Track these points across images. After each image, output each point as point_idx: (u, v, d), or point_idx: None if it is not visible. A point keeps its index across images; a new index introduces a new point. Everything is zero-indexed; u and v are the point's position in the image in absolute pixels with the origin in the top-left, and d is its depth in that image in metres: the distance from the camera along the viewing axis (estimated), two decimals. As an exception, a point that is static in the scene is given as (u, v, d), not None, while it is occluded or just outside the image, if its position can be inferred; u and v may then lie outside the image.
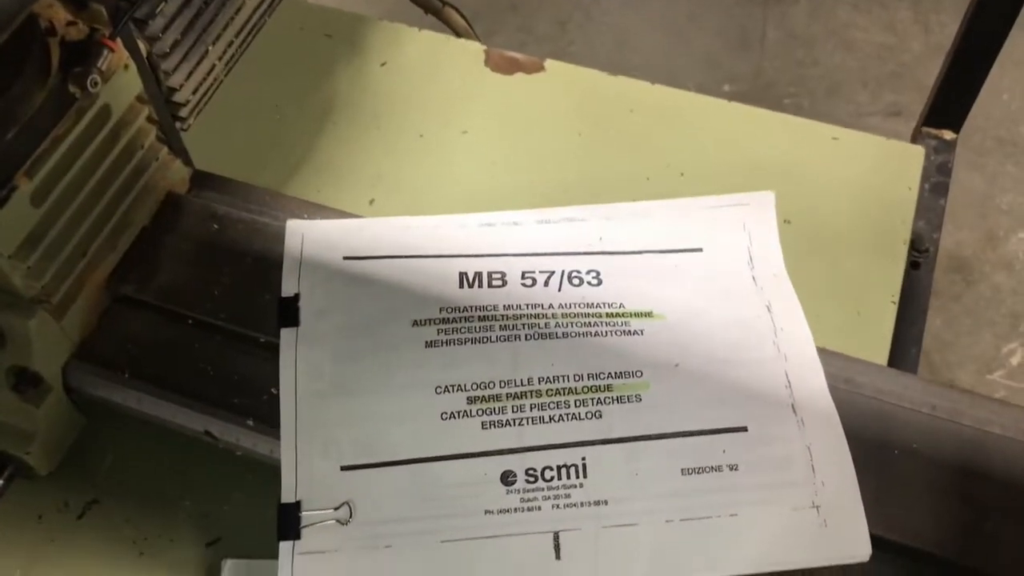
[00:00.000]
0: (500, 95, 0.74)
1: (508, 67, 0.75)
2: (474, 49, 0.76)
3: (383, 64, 0.76)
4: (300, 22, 0.77)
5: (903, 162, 0.69)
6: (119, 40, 0.52)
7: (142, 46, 0.54)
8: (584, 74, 0.74)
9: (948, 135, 0.83)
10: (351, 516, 0.49)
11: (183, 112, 0.59)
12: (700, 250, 0.57)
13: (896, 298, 0.63)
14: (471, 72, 0.75)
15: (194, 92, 0.59)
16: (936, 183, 0.79)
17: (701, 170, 0.68)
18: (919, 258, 0.76)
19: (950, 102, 0.81)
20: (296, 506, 0.50)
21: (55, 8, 0.50)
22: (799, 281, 0.58)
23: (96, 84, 0.50)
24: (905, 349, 0.66)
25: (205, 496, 0.57)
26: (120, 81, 0.53)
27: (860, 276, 0.64)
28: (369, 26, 0.78)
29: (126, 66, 0.53)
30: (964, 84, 0.80)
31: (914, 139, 0.84)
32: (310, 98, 0.73)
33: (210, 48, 0.59)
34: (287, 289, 0.55)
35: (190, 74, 0.58)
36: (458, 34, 0.90)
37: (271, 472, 0.51)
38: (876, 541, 0.47)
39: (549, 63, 0.75)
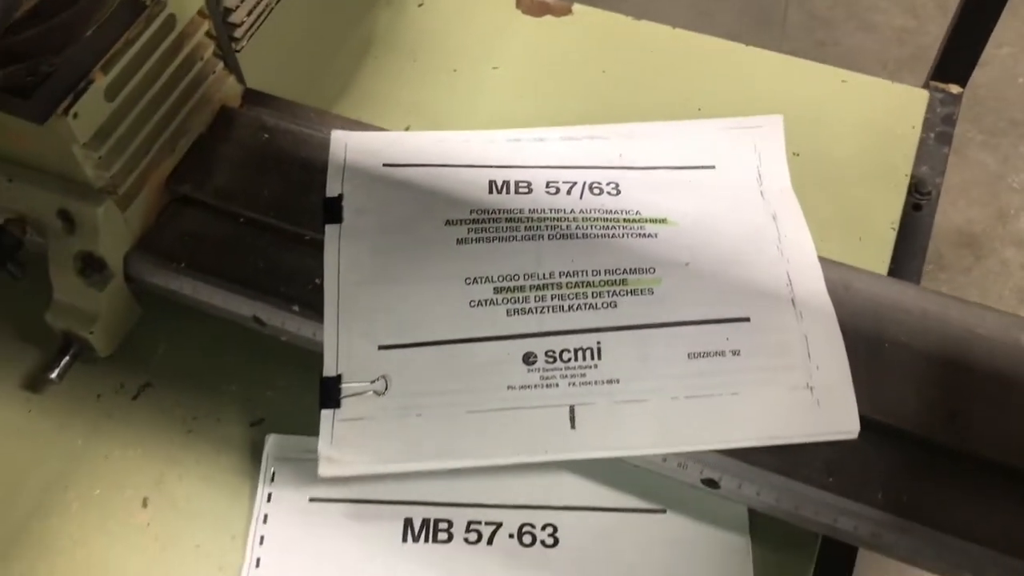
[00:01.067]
0: (530, 35, 0.78)
1: (538, 10, 0.79)
2: (506, -4, 0.81)
3: (420, 5, 0.81)
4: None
5: (907, 103, 0.74)
6: (185, -44, 0.57)
7: (205, -32, 0.59)
8: (609, 17, 0.79)
9: (955, 88, 0.87)
10: (386, 388, 0.54)
11: (237, 33, 0.64)
12: (713, 167, 0.62)
13: (896, 225, 0.68)
14: (503, 14, 0.80)
15: (248, 14, 0.64)
16: (940, 132, 0.83)
17: (717, 106, 0.72)
18: (921, 200, 0.80)
19: (956, 56, 0.85)
20: (337, 379, 0.55)
21: (128, -76, 0.55)
22: (805, 209, 0.62)
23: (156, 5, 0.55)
24: (904, 275, 0.71)
25: (250, 382, 0.62)
26: (181, 5, 0.58)
27: (863, 205, 0.68)
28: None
29: (190, -15, 0.58)
30: (970, 39, 0.84)
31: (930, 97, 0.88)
32: (353, 32, 0.78)
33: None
34: (331, 190, 0.60)
35: (245, -2, 0.63)
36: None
37: (310, 362, 0.56)
38: (864, 422, 0.52)
39: (577, 7, 0.80)
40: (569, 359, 0.54)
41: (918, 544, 0.50)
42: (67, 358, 0.60)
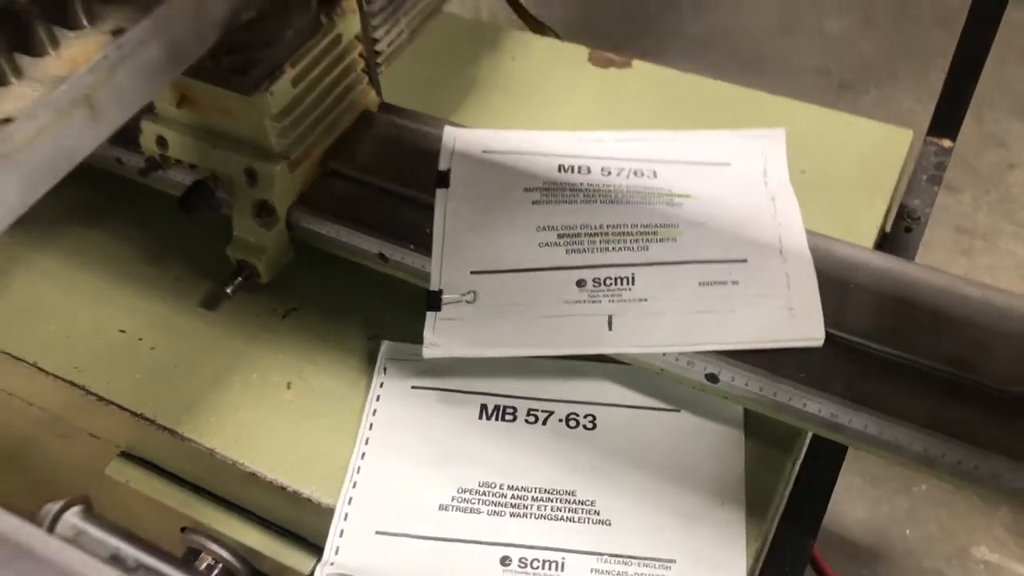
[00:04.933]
0: (597, 82, 1.00)
1: (604, 63, 1.01)
2: (581, 50, 1.03)
3: (513, 58, 1.04)
4: (458, 25, 1.06)
5: (895, 137, 0.93)
6: (352, -6, 0.80)
7: (364, 3, 0.82)
8: (661, 70, 1.00)
9: (946, 143, 1.05)
10: (475, 299, 0.74)
11: (379, 58, 0.87)
12: (729, 164, 0.82)
13: (879, 225, 0.86)
14: (577, 65, 1.02)
15: (388, 45, 0.87)
16: (932, 175, 1.02)
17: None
18: (912, 224, 0.98)
19: (946, 117, 1.05)
20: (439, 292, 0.75)
21: (316, -30, 0.79)
22: (803, 214, 0.81)
23: (335, 18, 0.79)
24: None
25: (371, 309, 0.82)
26: (348, 22, 0.81)
27: (851, 207, 0.86)
28: (505, 32, 1.06)
29: (353, 13, 0.81)
30: (954, 104, 1.03)
31: (923, 148, 1.07)
32: (463, 70, 1.01)
33: (401, 21, 0.87)
34: (442, 166, 0.81)
35: (386, 33, 0.86)
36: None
37: (415, 297, 0.76)
38: (828, 336, 0.69)
39: (636, 62, 1.01)
40: (610, 284, 0.73)
41: (865, 422, 0.66)
42: (240, 279, 0.81)
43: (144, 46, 0.62)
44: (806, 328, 0.69)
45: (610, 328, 0.71)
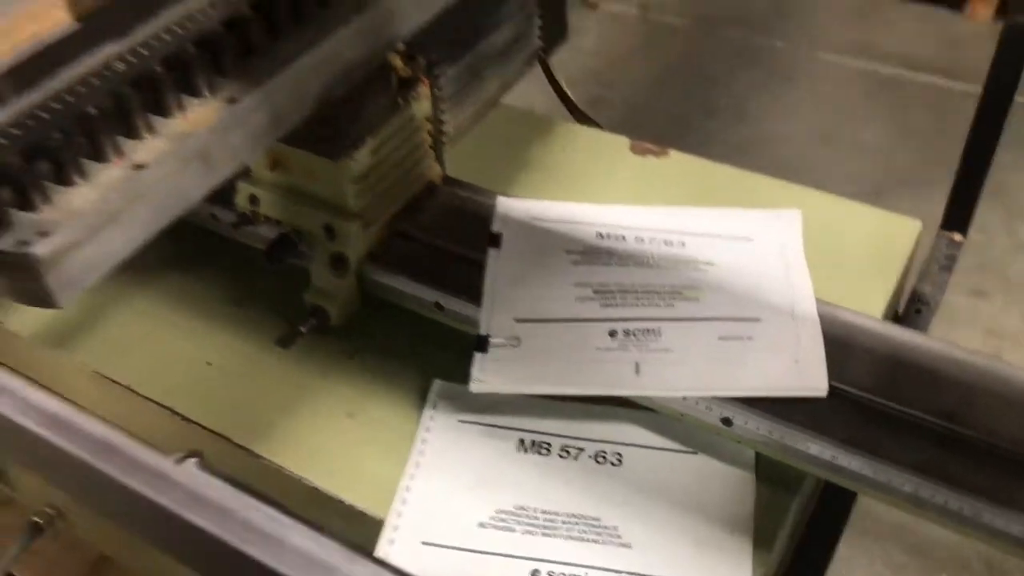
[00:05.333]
0: (637, 168, 1.12)
1: (643, 152, 1.13)
2: (623, 140, 1.15)
3: (562, 147, 1.16)
4: (514, 114, 1.19)
5: (905, 226, 1.02)
6: (427, 82, 0.93)
7: (435, 91, 0.95)
8: (694, 160, 1.12)
9: (957, 237, 1.15)
10: (519, 344, 0.84)
11: (445, 138, 1.00)
12: (749, 238, 0.92)
13: (886, 300, 0.95)
14: (619, 153, 1.14)
15: (453, 128, 1.00)
16: (944, 265, 1.11)
17: (764, 218, 1.03)
18: (922, 307, 1.07)
19: (957, 213, 1.14)
20: (486, 336, 0.85)
21: (397, 59, 0.92)
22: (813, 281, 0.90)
23: (411, 100, 0.91)
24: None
25: (425, 352, 0.92)
26: (421, 104, 0.94)
27: (860, 284, 0.96)
28: (555, 123, 1.19)
29: (426, 98, 0.94)
30: (964, 200, 1.13)
31: (935, 240, 1.17)
32: (516, 153, 1.13)
33: (466, 107, 1.00)
34: (495, 229, 0.93)
35: (452, 117, 0.99)
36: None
37: (462, 343, 0.86)
38: (831, 388, 0.78)
39: (672, 152, 1.13)
40: (639, 335, 0.83)
41: (862, 465, 0.75)
42: (313, 321, 0.92)
43: (252, 113, 0.74)
44: (811, 380, 0.78)
45: (637, 373, 0.81)
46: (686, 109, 2.62)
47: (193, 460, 0.50)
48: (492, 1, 1.02)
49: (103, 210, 0.65)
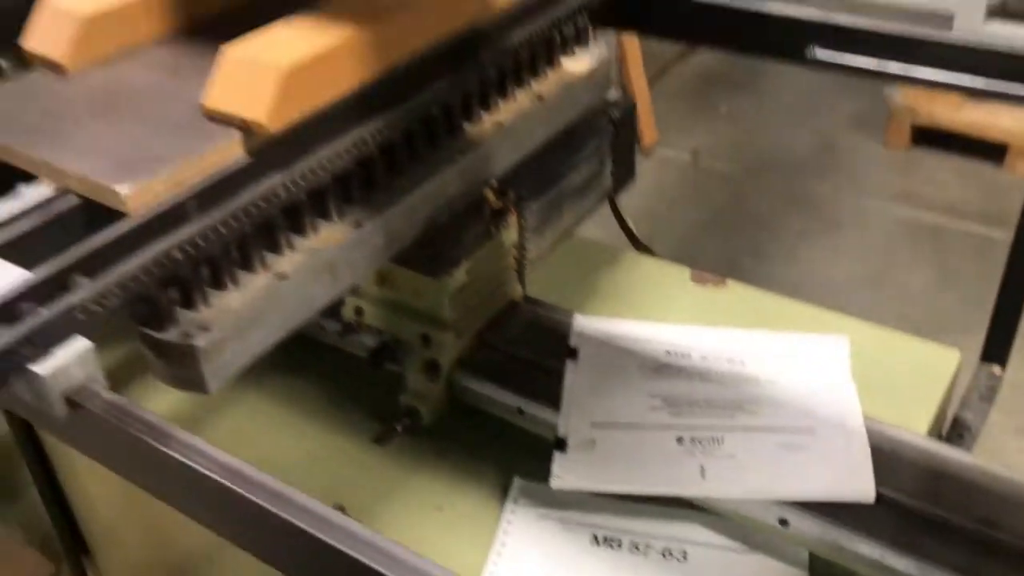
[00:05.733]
0: (696, 296, 1.23)
1: (702, 281, 1.24)
2: (684, 270, 1.27)
3: (628, 275, 1.28)
4: (587, 245, 1.31)
5: (945, 355, 1.11)
6: (515, 213, 1.06)
7: (522, 221, 1.08)
8: (749, 290, 1.23)
9: (997, 370, 1.23)
10: (594, 446, 0.94)
11: (527, 262, 1.12)
12: (803, 360, 1.02)
13: (928, 421, 1.03)
14: (680, 282, 1.25)
15: (535, 254, 1.12)
16: (984, 395, 1.19)
17: (815, 344, 1.13)
18: (964, 432, 1.15)
19: (996, 345, 1.23)
20: (564, 438, 0.95)
21: (490, 193, 1.05)
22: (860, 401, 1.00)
23: (501, 229, 1.04)
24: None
25: (508, 452, 1.02)
26: (509, 233, 1.06)
27: (903, 406, 1.04)
28: (620, 252, 1.31)
29: (514, 227, 1.07)
30: (1002, 333, 1.22)
31: (976, 371, 1.25)
32: (587, 282, 1.25)
33: (547, 237, 1.13)
34: (572, 343, 1.04)
35: (535, 245, 1.11)
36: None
37: (539, 447, 0.96)
38: (877, 494, 0.86)
39: (729, 281, 1.24)
40: (704, 442, 0.92)
41: (907, 564, 0.82)
42: (407, 421, 1.02)
43: (373, 235, 0.87)
44: (860, 486, 0.86)
45: (702, 476, 0.90)
46: (736, 251, 2.75)
47: (342, 509, 0.60)
48: (571, 146, 1.16)
49: (251, 312, 0.78)
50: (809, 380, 0.99)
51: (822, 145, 3.21)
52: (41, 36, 0.86)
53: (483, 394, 1.02)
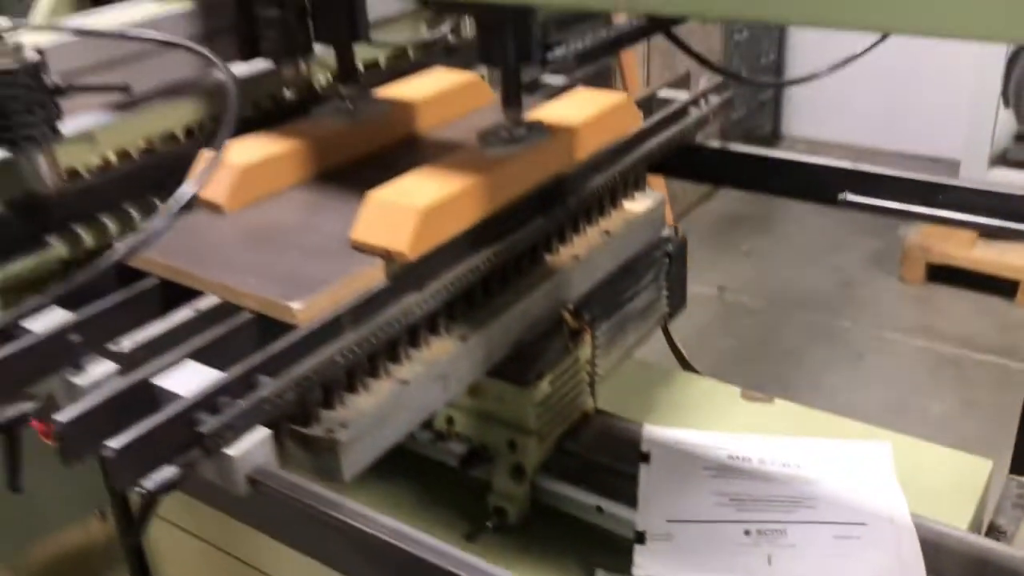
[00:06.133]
0: (747, 412, 1.36)
1: (753, 399, 1.37)
2: (734, 388, 1.40)
3: (684, 393, 1.41)
4: (645, 366, 1.45)
5: (978, 465, 1.23)
6: (589, 332, 1.20)
7: (594, 339, 1.22)
8: (795, 407, 1.35)
9: (1025, 479, 1.34)
10: (670, 539, 1.05)
11: (596, 377, 1.26)
12: (851, 461, 1.14)
13: (967, 529, 1.14)
14: (732, 399, 1.38)
15: (603, 370, 1.26)
16: (1016, 503, 1.30)
17: (858, 453, 1.25)
18: (1000, 537, 1.25)
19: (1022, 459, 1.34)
20: (643, 532, 1.06)
21: (567, 314, 1.20)
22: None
23: (577, 346, 1.19)
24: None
25: (587, 548, 1.13)
26: (583, 350, 1.20)
27: (942, 510, 1.15)
28: (674, 373, 1.45)
29: (587, 345, 1.21)
30: (1028, 446, 1.33)
31: (1006, 484, 1.36)
32: (643, 398, 1.38)
33: (613, 355, 1.27)
34: (644, 449, 1.16)
35: (604, 360, 1.25)
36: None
37: (621, 542, 1.07)
38: (929, 580, 0.97)
39: (777, 400, 1.37)
40: (769, 534, 1.03)
41: (959, 641, 0.92)
42: (496, 519, 1.14)
43: (476, 349, 1.01)
44: (911, 574, 0.97)
45: (769, 564, 1.01)
46: (763, 378, 2.87)
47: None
48: (635, 276, 1.32)
49: (380, 412, 0.91)
50: (857, 480, 1.11)
51: (841, 281, 3.37)
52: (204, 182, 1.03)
53: (564, 495, 1.14)
